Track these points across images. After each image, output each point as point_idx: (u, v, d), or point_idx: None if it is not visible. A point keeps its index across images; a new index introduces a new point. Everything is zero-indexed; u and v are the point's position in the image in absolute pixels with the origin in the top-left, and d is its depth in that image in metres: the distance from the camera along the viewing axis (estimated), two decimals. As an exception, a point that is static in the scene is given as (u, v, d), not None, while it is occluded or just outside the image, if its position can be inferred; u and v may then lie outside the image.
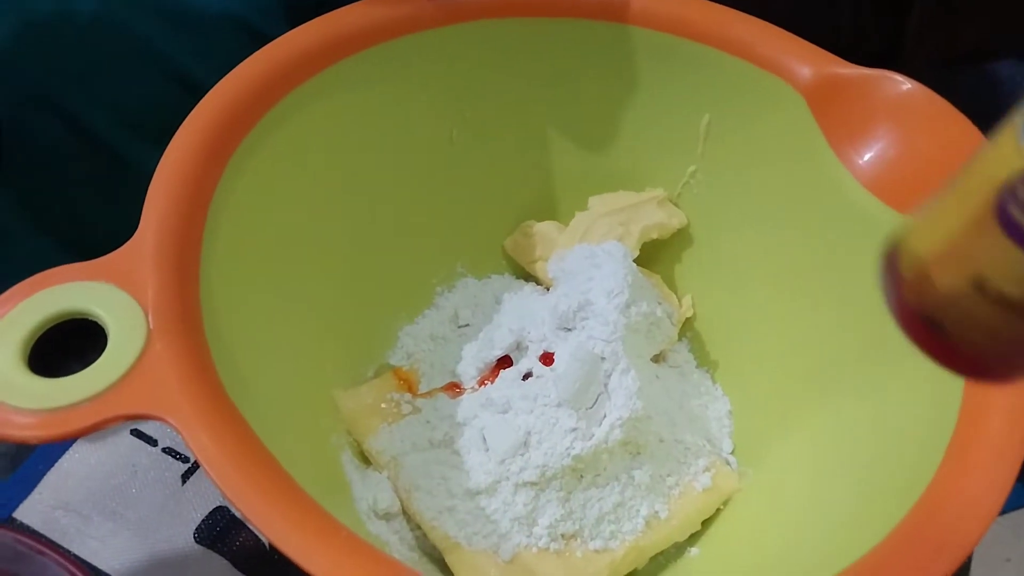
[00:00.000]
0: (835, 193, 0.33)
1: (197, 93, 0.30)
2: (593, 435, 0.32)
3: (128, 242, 0.27)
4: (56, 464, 0.37)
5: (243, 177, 0.31)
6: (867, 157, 0.33)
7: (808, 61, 0.34)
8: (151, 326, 0.25)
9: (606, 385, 0.33)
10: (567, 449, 0.32)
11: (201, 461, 0.22)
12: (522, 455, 0.32)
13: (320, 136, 0.34)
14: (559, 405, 0.32)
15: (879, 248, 0.19)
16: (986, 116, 0.20)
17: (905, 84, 0.32)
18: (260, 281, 0.32)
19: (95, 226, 0.37)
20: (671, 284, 0.40)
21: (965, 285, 0.17)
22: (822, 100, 0.33)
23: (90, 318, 0.25)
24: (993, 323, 0.17)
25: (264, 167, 0.32)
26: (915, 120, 0.32)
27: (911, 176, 0.31)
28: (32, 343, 0.25)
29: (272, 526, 0.22)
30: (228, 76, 0.31)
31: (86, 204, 0.38)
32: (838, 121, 0.33)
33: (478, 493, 0.32)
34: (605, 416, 0.32)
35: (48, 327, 0.25)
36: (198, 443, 0.23)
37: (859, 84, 0.33)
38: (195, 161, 0.29)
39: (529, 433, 0.32)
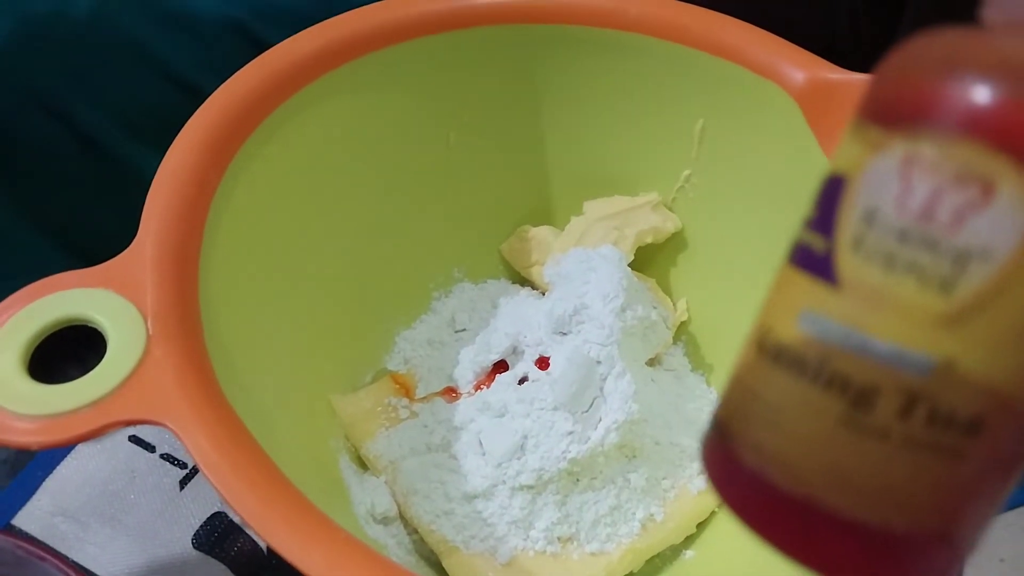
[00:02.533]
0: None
1: (195, 96, 0.31)
2: (589, 438, 0.32)
3: (127, 248, 0.27)
4: (55, 471, 0.37)
5: (242, 183, 0.31)
6: (859, 161, 0.33)
7: (801, 66, 0.34)
8: (150, 332, 0.25)
9: (602, 389, 0.33)
10: (563, 452, 0.32)
11: (199, 464, 0.23)
12: (519, 459, 0.32)
13: (318, 141, 0.35)
14: (555, 409, 0.33)
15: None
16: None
17: (896, 88, 0.32)
18: (259, 287, 0.32)
19: (93, 227, 0.37)
20: (666, 288, 0.41)
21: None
22: (815, 105, 0.34)
23: (90, 324, 0.25)
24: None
25: (263, 173, 0.32)
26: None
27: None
28: (32, 349, 0.25)
29: (269, 528, 0.22)
30: (227, 82, 0.32)
31: (84, 206, 0.38)
32: (831, 125, 0.33)
33: (475, 497, 0.33)
34: (601, 419, 0.33)
35: (48, 333, 0.25)
36: (196, 447, 0.23)
37: (851, 89, 0.33)
38: (194, 167, 0.29)
39: (525, 437, 0.33)
